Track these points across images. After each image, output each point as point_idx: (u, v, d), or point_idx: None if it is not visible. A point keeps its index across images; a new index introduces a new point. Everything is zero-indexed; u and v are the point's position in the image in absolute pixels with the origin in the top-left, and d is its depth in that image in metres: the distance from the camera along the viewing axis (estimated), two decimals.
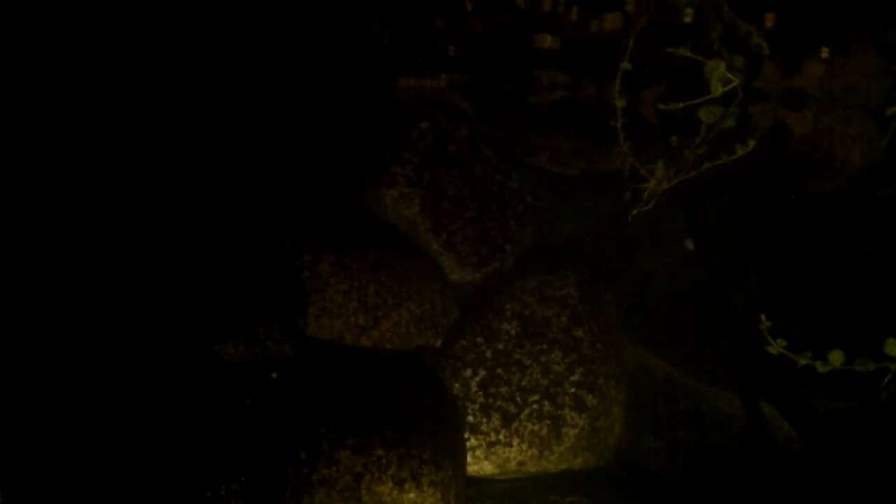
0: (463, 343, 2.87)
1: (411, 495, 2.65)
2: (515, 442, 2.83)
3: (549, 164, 3.03)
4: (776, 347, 2.71)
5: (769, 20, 2.95)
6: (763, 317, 2.71)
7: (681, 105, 2.85)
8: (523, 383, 2.85)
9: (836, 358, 2.65)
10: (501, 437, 2.83)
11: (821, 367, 2.67)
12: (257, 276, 2.71)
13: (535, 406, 2.84)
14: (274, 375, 2.67)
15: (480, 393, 2.83)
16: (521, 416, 2.83)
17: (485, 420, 2.83)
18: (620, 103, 2.84)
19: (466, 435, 2.82)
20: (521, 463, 2.85)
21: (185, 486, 2.51)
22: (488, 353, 2.86)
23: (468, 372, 2.84)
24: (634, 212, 2.91)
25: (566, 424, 2.85)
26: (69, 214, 2.67)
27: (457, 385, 2.84)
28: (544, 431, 2.84)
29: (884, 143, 3.02)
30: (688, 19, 2.89)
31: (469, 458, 2.82)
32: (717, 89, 2.82)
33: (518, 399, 2.84)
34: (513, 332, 2.87)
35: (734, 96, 2.85)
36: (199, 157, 2.80)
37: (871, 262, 3.06)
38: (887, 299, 2.98)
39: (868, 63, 3.04)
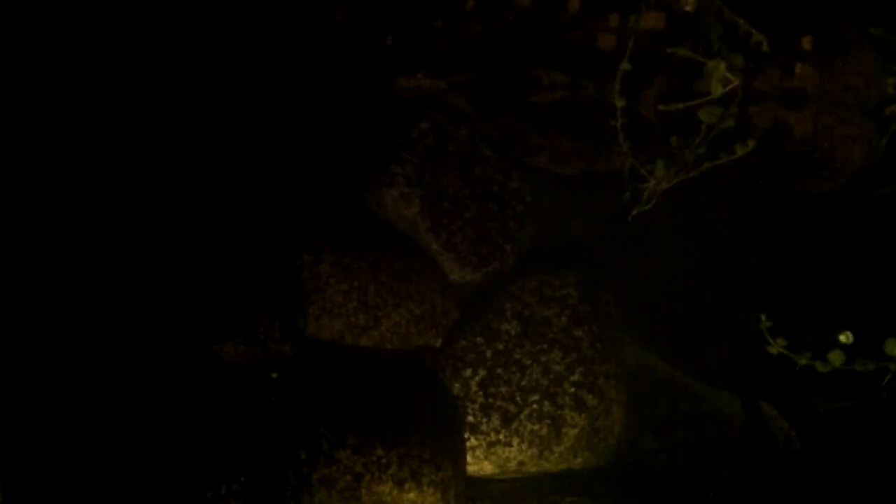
0: (463, 343, 2.87)
1: (411, 495, 2.65)
2: (515, 442, 2.83)
3: (549, 164, 3.03)
4: (776, 347, 2.71)
5: (807, 43, 2.96)
6: (763, 317, 2.71)
7: (681, 105, 2.85)
8: (523, 383, 2.85)
9: (836, 358, 2.66)
10: (501, 437, 2.83)
11: (821, 367, 2.67)
12: (257, 276, 2.71)
13: (535, 406, 2.84)
14: (274, 375, 2.67)
15: (480, 393, 2.83)
16: (521, 416, 2.83)
17: (485, 420, 2.83)
18: (620, 103, 2.84)
19: (466, 435, 2.82)
20: (520, 463, 2.85)
21: (185, 486, 2.51)
22: (488, 353, 2.86)
23: (468, 372, 2.84)
24: (634, 212, 2.91)
25: (566, 424, 2.85)
26: (69, 214, 2.67)
27: (457, 385, 2.84)
28: (544, 431, 2.84)
29: (883, 142, 3.02)
30: (688, 8, 2.89)
31: (469, 458, 2.82)
32: (717, 89, 2.82)
33: (518, 399, 2.84)
34: (513, 332, 2.87)
35: (734, 96, 2.84)
36: (199, 157, 2.80)
37: (871, 262, 3.06)
38: (887, 299, 2.98)
39: (868, 63, 3.04)
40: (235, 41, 2.83)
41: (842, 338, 2.60)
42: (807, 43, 2.97)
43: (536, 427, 2.83)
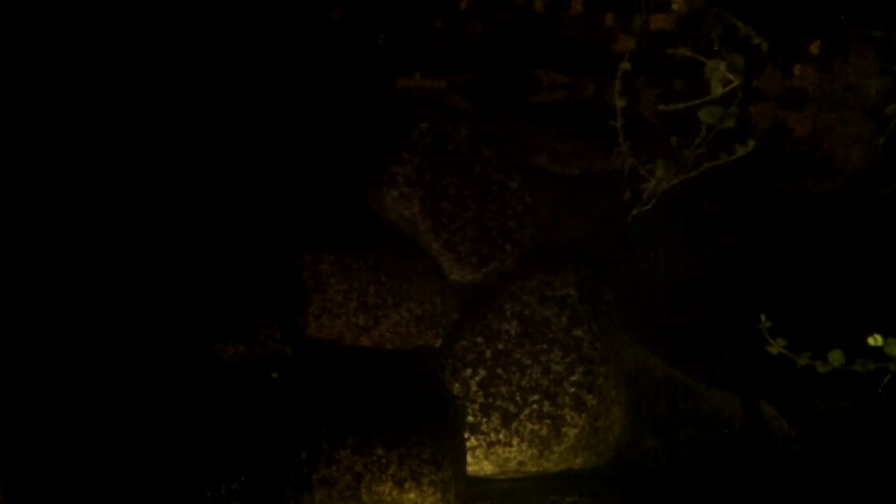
0: (463, 343, 2.87)
1: (411, 495, 2.66)
2: (515, 442, 2.83)
3: (549, 164, 3.02)
4: (776, 347, 2.71)
5: (815, 47, 2.95)
6: (763, 317, 2.70)
7: (681, 105, 2.85)
8: (523, 383, 2.85)
9: (836, 358, 2.65)
10: (501, 436, 2.83)
11: (821, 367, 2.66)
12: (257, 276, 2.71)
13: (535, 406, 2.84)
14: (274, 375, 2.67)
15: (480, 393, 2.84)
16: (521, 416, 2.83)
17: (485, 420, 2.83)
18: (620, 103, 2.84)
19: (466, 435, 2.82)
20: (521, 463, 2.85)
21: (185, 486, 2.51)
22: (488, 353, 2.86)
23: (468, 372, 2.84)
24: (634, 212, 2.90)
25: (566, 424, 2.85)
26: (70, 214, 2.67)
27: (457, 385, 2.84)
28: (544, 431, 2.84)
29: (882, 140, 3.01)
30: (675, 6, 2.88)
31: (469, 458, 2.82)
32: (717, 89, 2.81)
33: (518, 399, 2.84)
34: (513, 332, 2.88)
35: (734, 96, 2.84)
36: (199, 157, 2.80)
37: (871, 262, 3.06)
38: (887, 299, 2.97)
39: (868, 63, 3.04)
40: (235, 40, 2.84)
41: (870, 340, 2.58)
42: (814, 48, 2.97)
43: (536, 427, 2.83)
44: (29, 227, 2.65)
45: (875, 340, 2.56)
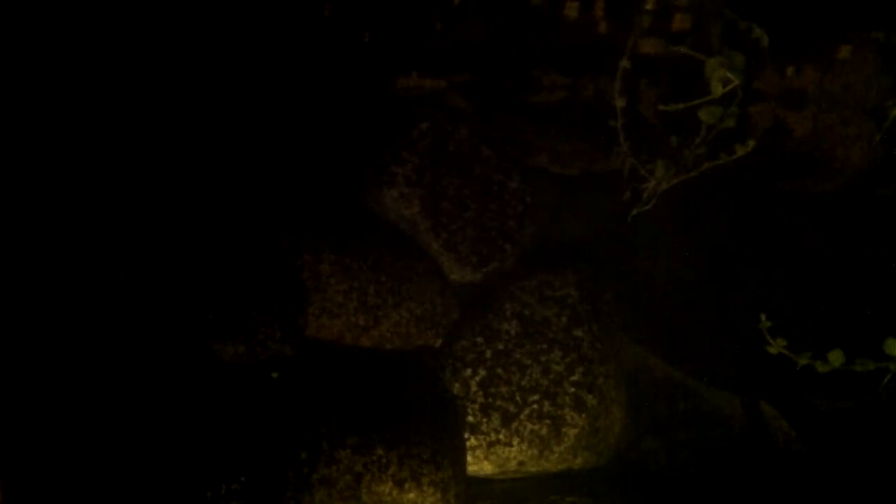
0: (463, 343, 2.87)
1: (411, 495, 2.66)
2: (515, 442, 2.83)
3: (549, 164, 3.03)
4: (776, 347, 2.71)
5: (844, 51, 2.96)
6: (763, 317, 2.71)
7: (681, 105, 2.85)
8: (523, 383, 2.85)
9: (836, 358, 2.65)
10: (501, 436, 2.83)
11: (821, 367, 2.66)
12: (257, 276, 2.71)
13: (535, 406, 2.84)
14: (274, 375, 2.67)
15: (480, 393, 2.84)
16: (521, 416, 2.83)
17: (485, 420, 2.83)
18: (620, 103, 2.84)
19: (466, 435, 2.82)
20: (521, 463, 2.85)
21: (185, 486, 2.51)
22: (488, 353, 2.86)
23: (468, 372, 2.85)
24: (634, 212, 2.90)
25: (566, 424, 2.85)
26: (70, 214, 2.68)
27: (457, 385, 2.84)
28: (544, 431, 2.84)
29: (878, 139, 3.01)
30: (649, 5, 2.88)
31: (469, 458, 2.83)
32: (717, 89, 2.81)
33: (518, 399, 2.84)
34: (513, 332, 2.88)
35: (734, 96, 2.84)
36: (199, 157, 2.80)
37: (871, 262, 3.06)
38: (887, 299, 2.98)
39: (868, 63, 3.05)
40: (235, 39, 2.84)
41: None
42: (845, 51, 2.97)
43: (536, 427, 2.84)
44: (29, 227, 2.65)
45: None
